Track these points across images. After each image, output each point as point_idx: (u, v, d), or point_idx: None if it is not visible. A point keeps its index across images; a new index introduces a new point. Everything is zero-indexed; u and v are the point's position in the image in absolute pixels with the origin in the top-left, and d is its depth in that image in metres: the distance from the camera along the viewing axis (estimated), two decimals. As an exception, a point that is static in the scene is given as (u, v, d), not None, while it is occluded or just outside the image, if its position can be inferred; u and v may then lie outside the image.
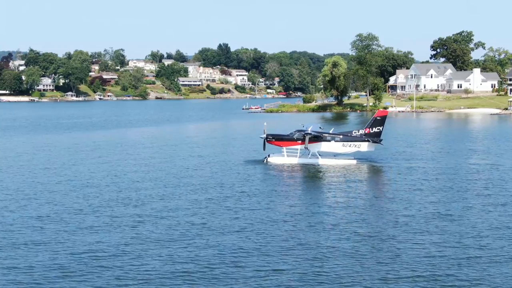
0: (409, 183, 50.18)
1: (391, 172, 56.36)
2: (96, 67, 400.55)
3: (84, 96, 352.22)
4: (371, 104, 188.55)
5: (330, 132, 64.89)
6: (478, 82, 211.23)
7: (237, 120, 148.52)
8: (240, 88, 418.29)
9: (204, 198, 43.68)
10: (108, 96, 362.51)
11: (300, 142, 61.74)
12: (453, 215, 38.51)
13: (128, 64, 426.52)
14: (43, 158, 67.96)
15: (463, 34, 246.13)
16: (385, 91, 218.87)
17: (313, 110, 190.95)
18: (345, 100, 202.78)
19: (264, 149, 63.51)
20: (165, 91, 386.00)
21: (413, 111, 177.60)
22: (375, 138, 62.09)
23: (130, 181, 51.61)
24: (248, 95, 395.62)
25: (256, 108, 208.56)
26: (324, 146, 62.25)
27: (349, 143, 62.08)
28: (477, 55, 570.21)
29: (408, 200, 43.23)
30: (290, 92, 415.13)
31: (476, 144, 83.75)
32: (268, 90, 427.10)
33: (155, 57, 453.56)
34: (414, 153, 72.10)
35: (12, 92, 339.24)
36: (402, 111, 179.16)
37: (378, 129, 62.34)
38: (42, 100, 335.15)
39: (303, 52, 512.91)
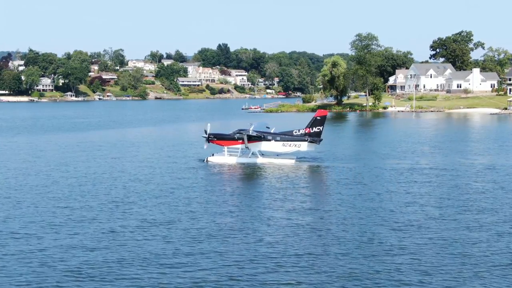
0: (408, 183, 49.97)
1: (392, 172, 56.18)
2: (96, 67, 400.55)
3: (83, 96, 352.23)
4: (370, 104, 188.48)
5: (272, 131, 64.96)
6: (477, 82, 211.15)
7: (236, 120, 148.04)
8: (240, 88, 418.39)
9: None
10: (108, 96, 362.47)
11: (241, 141, 62.39)
12: (449, 215, 38.30)
13: (127, 64, 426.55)
14: (35, 158, 67.68)
15: (462, 34, 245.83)
16: (385, 91, 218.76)
17: (313, 110, 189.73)
18: (345, 100, 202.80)
19: (205, 148, 64.29)
20: (165, 91, 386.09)
21: (412, 111, 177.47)
22: (315, 137, 62.60)
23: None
24: (248, 95, 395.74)
25: (255, 108, 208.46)
26: (264, 146, 62.92)
27: (289, 142, 62.74)
28: (476, 55, 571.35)
29: (404, 199, 43.03)
30: (290, 92, 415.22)
31: (475, 143, 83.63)
32: (268, 90, 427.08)
33: (155, 57, 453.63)
34: (413, 152, 71.95)
35: (11, 92, 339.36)
36: (402, 111, 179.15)
37: (318, 129, 62.86)
38: (41, 100, 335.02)
39: (303, 52, 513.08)
